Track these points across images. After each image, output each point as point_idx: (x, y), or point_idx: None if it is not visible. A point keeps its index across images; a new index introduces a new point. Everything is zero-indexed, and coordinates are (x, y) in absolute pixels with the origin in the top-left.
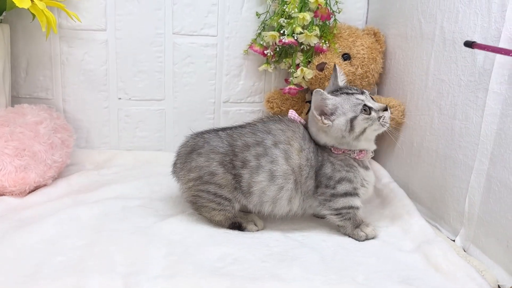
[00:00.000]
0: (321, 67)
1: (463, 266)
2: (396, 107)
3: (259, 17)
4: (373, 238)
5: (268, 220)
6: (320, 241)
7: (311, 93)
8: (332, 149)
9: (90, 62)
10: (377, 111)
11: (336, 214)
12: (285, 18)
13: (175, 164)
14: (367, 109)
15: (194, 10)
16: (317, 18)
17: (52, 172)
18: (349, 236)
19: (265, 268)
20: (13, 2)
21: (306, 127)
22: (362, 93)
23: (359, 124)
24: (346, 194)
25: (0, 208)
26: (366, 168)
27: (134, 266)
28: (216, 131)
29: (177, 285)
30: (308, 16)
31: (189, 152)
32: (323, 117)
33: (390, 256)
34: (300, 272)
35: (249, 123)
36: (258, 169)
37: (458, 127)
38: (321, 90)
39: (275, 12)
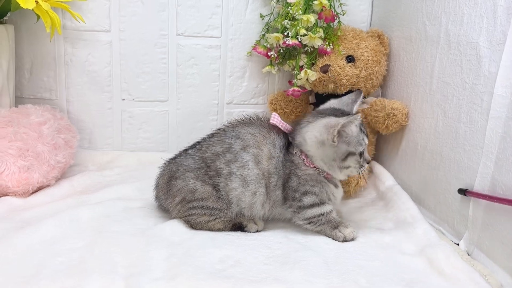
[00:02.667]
0: (325, 69)
1: (467, 270)
2: (400, 109)
3: (263, 19)
4: (352, 239)
5: (270, 222)
6: (322, 244)
7: (315, 95)
8: (305, 160)
9: (94, 63)
10: (365, 160)
11: (309, 223)
12: (289, 20)
13: (158, 197)
14: (362, 154)
15: (198, 12)
16: (321, 20)
17: (56, 172)
18: (329, 237)
19: (267, 271)
20: (17, 3)
21: (286, 133)
22: (367, 137)
23: (351, 161)
24: (312, 205)
25: (3, 209)
26: (336, 185)
27: (135, 268)
28: (185, 151)
29: (177, 287)
30: (312, 18)
31: (168, 181)
32: (337, 135)
33: (393, 259)
34: (303, 275)
35: (218, 130)
36: (231, 176)
37: (463, 130)
38: (359, 116)
39: (279, 14)
